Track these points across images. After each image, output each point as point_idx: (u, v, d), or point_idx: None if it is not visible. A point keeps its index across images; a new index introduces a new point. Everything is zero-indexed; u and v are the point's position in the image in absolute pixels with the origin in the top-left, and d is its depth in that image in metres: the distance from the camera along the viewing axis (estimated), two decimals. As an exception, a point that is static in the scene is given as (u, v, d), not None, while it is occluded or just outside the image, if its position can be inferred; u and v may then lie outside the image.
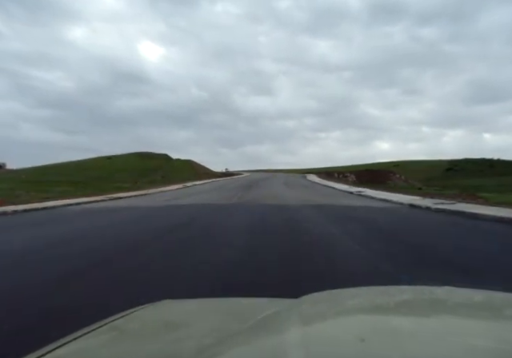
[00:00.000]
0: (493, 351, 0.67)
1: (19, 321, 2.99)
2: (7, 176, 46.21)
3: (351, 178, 47.78)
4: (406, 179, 50.40)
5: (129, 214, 12.21)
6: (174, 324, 1.09)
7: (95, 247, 6.33)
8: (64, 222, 10.34)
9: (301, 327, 0.84)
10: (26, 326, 2.88)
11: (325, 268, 4.74)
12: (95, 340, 0.90)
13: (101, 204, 15.46)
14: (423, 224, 9.90)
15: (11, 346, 2.45)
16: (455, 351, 0.67)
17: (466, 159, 70.19)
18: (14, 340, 2.62)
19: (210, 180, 46.61)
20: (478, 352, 0.67)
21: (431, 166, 68.06)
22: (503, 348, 0.68)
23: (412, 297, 1.20)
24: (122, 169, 56.20)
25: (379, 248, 6.09)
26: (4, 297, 3.66)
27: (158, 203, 15.88)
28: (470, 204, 12.83)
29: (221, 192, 22.62)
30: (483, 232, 8.15)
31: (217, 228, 8.51)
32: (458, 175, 60.62)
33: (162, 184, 34.26)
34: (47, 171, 54.26)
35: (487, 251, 5.99)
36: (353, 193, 21.67)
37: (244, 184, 32.89)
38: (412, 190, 24.18)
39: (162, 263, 5.12)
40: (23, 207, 13.43)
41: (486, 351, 0.67)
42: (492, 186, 29.64)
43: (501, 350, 0.67)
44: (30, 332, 2.73)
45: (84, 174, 49.14)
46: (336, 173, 54.85)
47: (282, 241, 6.77)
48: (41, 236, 7.73)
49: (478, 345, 0.70)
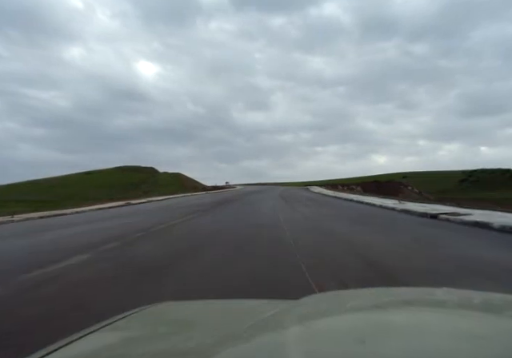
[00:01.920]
0: (493, 352, 0.67)
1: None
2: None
3: (358, 190, 42.24)
4: (420, 191, 44.75)
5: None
6: (175, 325, 1.09)
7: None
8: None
9: (301, 328, 0.85)
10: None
11: None
12: (96, 340, 0.90)
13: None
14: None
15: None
16: (455, 352, 0.67)
17: (481, 169, 64.51)
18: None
19: (181, 194, 39.43)
20: (478, 353, 0.66)
21: (443, 177, 62.46)
22: (503, 348, 0.68)
23: (411, 298, 1.19)
24: (100, 184, 50.57)
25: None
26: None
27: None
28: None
29: (156, 217, 12.36)
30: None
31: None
32: (474, 186, 54.92)
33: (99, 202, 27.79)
34: (18, 189, 48.78)
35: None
36: (439, 217, 10.30)
37: (220, 200, 23.81)
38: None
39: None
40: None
41: (486, 352, 0.67)
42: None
43: (501, 351, 0.67)
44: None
45: (56, 192, 43.71)
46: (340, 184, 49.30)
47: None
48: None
49: (478, 346, 0.69)
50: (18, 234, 9.18)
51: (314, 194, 32.58)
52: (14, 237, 8.57)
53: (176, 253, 5.63)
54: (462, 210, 11.84)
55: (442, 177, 63.68)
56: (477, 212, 10.83)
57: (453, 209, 12.25)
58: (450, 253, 5.34)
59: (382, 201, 18.09)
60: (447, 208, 12.64)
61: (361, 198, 21.86)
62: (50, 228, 10.08)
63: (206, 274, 4.26)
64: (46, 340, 1.09)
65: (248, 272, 4.27)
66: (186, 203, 21.48)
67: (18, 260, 5.61)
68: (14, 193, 42.35)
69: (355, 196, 24.20)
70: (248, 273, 4.20)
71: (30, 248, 6.69)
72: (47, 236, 8.32)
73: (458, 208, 13.07)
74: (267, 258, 5.03)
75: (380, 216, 12.01)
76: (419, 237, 7.01)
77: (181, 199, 29.13)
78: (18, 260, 5.69)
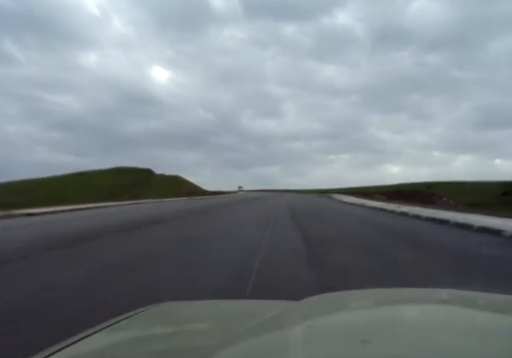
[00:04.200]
0: (495, 352, 0.66)
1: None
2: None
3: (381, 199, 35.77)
4: (457, 203, 37.75)
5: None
6: (177, 325, 1.08)
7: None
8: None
9: (303, 328, 0.84)
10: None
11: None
12: (99, 341, 0.89)
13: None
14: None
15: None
16: (458, 352, 0.66)
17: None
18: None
19: (170, 199, 34.36)
20: (480, 354, 0.66)
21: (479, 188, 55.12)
22: (506, 349, 0.67)
23: (414, 299, 1.17)
24: (87, 186, 44.95)
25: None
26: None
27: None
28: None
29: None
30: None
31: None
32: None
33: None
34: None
35: None
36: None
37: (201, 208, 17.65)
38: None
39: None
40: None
41: (489, 352, 0.66)
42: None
43: (503, 351, 0.66)
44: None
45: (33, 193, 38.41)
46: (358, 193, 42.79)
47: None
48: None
49: (481, 348, 0.68)
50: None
51: (360, 209, 19.82)
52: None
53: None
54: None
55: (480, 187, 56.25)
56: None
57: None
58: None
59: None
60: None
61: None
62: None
63: None
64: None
65: None
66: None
67: None
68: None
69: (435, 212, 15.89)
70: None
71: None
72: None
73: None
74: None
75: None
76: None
77: (150, 205, 23.03)
78: None
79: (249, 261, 5.67)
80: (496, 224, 10.95)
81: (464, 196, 46.01)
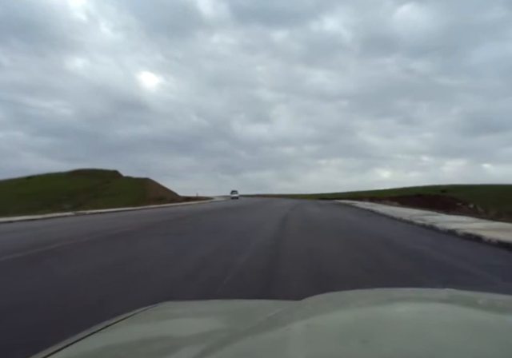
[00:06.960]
0: (495, 353, 0.65)
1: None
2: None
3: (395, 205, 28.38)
4: (486, 209, 29.95)
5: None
6: (177, 325, 1.07)
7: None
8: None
9: (304, 328, 0.84)
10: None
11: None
12: (99, 341, 0.89)
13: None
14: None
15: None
16: (458, 353, 0.66)
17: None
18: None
19: (114, 209, 25.82)
20: (481, 354, 0.65)
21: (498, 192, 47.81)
22: (506, 350, 0.66)
23: (414, 299, 1.16)
24: (27, 193, 36.66)
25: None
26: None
27: None
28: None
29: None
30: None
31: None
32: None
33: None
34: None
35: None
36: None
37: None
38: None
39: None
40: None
41: (489, 353, 0.66)
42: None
43: (504, 351, 0.65)
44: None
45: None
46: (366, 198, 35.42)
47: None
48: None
49: (481, 348, 0.68)
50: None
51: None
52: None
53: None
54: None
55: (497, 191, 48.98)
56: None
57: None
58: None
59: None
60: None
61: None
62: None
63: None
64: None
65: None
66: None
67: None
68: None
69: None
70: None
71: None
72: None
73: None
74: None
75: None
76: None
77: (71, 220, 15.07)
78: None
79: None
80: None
81: (486, 202, 38.68)
